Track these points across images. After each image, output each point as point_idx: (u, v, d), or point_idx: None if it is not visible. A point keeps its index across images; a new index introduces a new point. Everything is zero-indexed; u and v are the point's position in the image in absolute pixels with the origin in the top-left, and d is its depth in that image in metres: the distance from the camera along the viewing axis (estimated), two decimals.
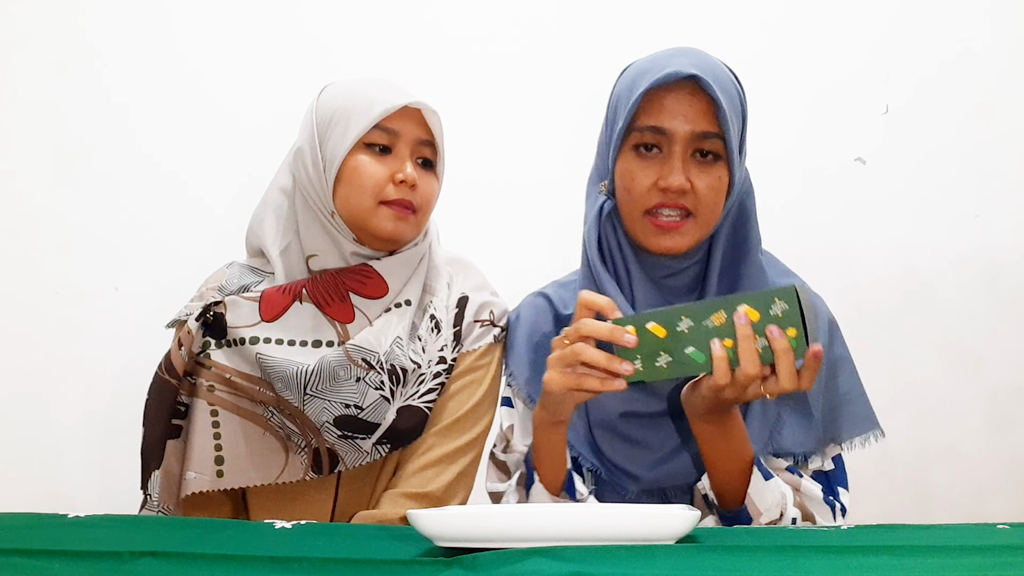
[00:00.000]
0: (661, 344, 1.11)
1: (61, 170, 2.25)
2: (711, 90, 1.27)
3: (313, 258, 1.47)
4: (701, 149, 1.29)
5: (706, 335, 1.10)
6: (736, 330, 1.09)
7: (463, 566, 0.79)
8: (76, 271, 2.22)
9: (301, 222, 1.48)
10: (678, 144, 1.28)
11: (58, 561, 0.80)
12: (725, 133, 1.28)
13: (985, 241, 2.21)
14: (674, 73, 1.27)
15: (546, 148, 2.17)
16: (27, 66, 2.26)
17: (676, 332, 1.10)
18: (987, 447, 2.17)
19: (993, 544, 0.87)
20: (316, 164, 1.46)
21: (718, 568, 0.77)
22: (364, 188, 1.43)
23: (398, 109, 1.44)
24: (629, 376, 1.13)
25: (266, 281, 1.49)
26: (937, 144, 2.23)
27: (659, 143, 1.30)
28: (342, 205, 1.45)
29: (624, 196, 1.33)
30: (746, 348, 1.09)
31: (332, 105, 1.48)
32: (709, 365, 1.10)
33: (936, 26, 2.25)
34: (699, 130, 1.28)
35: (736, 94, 1.33)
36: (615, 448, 1.34)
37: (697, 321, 1.10)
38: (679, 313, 1.11)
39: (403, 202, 1.44)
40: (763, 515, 1.23)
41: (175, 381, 1.42)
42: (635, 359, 1.12)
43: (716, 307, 1.10)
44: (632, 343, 1.11)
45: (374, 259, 1.47)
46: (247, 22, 2.27)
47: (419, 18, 2.27)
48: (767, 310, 1.08)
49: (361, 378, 1.37)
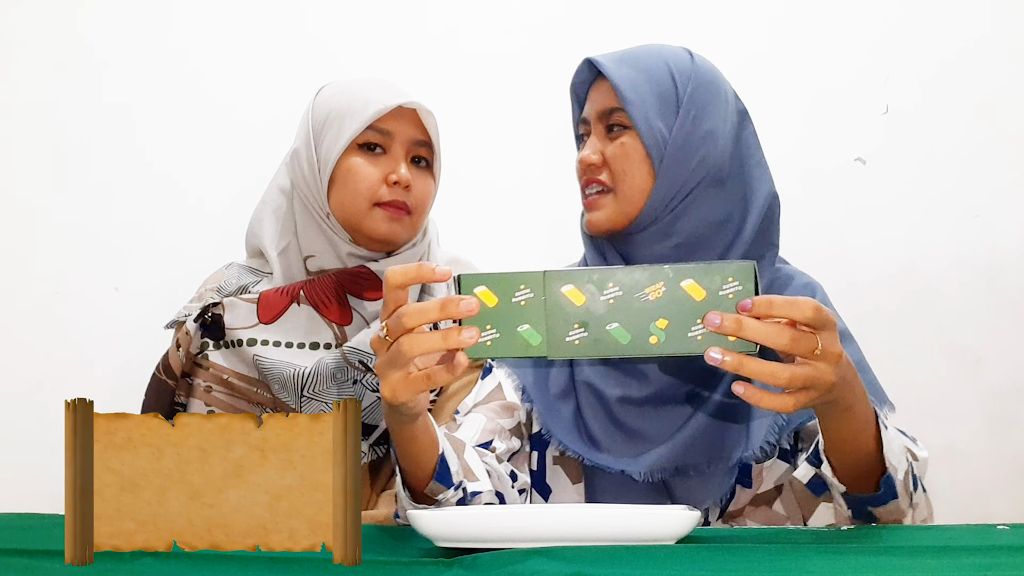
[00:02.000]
0: (575, 314, 0.90)
1: (61, 170, 2.24)
2: (603, 68, 1.32)
3: (311, 259, 1.47)
4: (609, 125, 1.33)
5: (637, 311, 0.90)
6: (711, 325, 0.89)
7: (463, 567, 0.79)
8: (76, 271, 2.22)
9: (299, 223, 1.48)
10: (592, 126, 1.35)
11: (59, 561, 0.80)
12: (625, 105, 1.30)
13: (985, 241, 2.21)
14: (581, 68, 1.37)
15: (546, 147, 2.16)
16: (27, 66, 2.26)
17: (597, 301, 0.90)
18: (987, 447, 2.16)
19: (993, 545, 0.87)
20: (311, 166, 1.45)
21: (718, 568, 0.77)
22: (357, 190, 1.43)
23: (392, 109, 1.43)
24: (475, 350, 0.91)
25: (264, 282, 1.49)
26: (937, 144, 2.23)
27: (587, 131, 1.37)
28: (337, 207, 1.44)
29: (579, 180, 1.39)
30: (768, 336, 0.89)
31: (327, 106, 1.47)
32: (635, 347, 0.90)
33: (936, 26, 2.25)
34: (602, 108, 1.33)
35: (662, 71, 1.33)
36: (611, 435, 1.28)
37: (628, 291, 0.90)
38: (604, 278, 0.91)
39: (397, 203, 1.43)
40: (899, 470, 1.06)
41: (172, 382, 1.42)
42: (519, 327, 0.90)
43: (654, 277, 0.90)
44: (470, 311, 0.90)
45: (372, 260, 1.47)
46: (247, 21, 2.27)
47: (418, 17, 2.27)
48: (716, 288, 0.89)
49: (359, 380, 1.37)
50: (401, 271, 0.93)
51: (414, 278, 0.92)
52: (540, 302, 0.90)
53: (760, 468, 1.27)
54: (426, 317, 0.91)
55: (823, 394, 0.93)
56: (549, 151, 2.22)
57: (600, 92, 1.34)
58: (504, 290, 0.90)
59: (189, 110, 2.25)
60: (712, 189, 1.31)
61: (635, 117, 1.30)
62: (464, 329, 0.90)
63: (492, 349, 0.90)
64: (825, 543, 0.91)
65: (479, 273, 0.92)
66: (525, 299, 0.90)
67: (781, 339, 0.89)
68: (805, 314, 0.89)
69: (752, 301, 0.88)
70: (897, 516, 1.09)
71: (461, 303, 0.89)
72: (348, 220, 1.45)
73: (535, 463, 1.34)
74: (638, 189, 1.30)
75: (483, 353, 0.91)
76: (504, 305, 0.90)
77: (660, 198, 1.30)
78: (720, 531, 1.10)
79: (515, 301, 0.90)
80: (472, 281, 0.91)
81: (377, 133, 1.44)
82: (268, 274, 1.50)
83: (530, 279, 0.91)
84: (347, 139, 1.43)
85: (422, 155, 1.48)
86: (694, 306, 0.89)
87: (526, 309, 0.90)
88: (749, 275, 0.89)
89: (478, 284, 0.91)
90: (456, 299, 0.90)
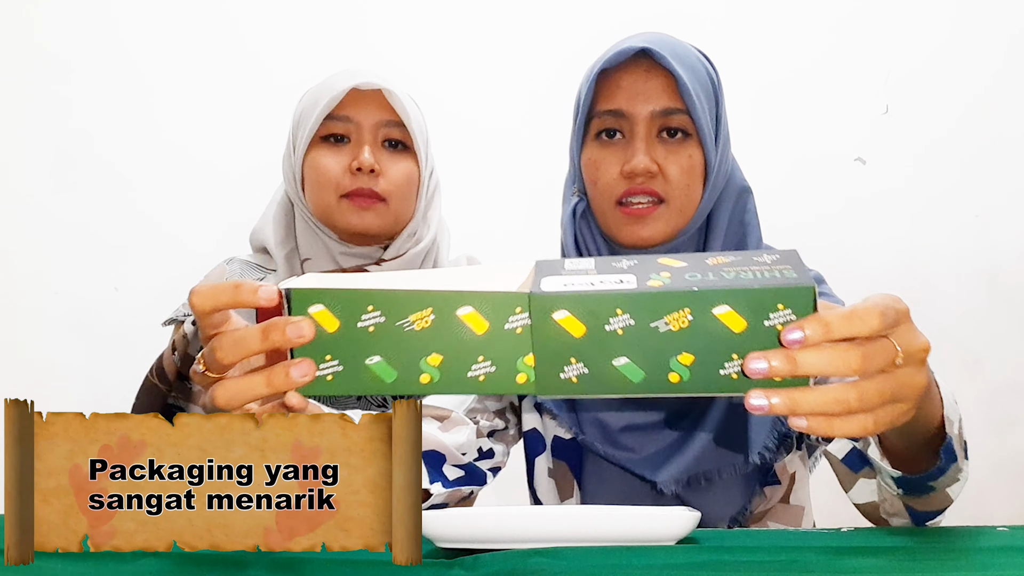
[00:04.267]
0: (570, 347, 0.69)
1: (61, 170, 2.25)
2: (667, 63, 1.17)
3: (307, 262, 1.43)
4: (667, 128, 1.19)
5: (653, 342, 0.69)
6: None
7: (464, 567, 0.79)
8: (76, 271, 2.22)
9: (297, 226, 1.45)
10: (640, 125, 1.18)
11: (59, 561, 0.80)
12: (691, 108, 1.17)
13: (985, 241, 2.21)
14: (626, 50, 1.18)
15: (545, 145, 2.17)
16: (27, 66, 2.26)
17: (603, 332, 0.69)
18: (987, 447, 2.16)
19: (993, 546, 0.86)
20: (290, 167, 1.42)
21: (718, 569, 0.77)
22: (321, 183, 1.36)
23: (348, 93, 1.35)
24: (311, 387, 0.71)
25: (268, 280, 1.47)
26: (937, 144, 2.23)
27: (621, 128, 1.20)
28: (311, 205, 1.40)
29: (592, 189, 1.22)
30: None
31: (300, 106, 1.43)
32: (651, 385, 0.70)
33: (937, 26, 2.25)
34: (660, 107, 1.18)
35: (704, 70, 1.23)
36: (613, 455, 1.22)
37: (640, 320, 0.69)
38: (611, 303, 0.69)
39: (363, 191, 1.34)
40: (954, 423, 0.90)
41: (164, 387, 1.39)
42: (367, 359, 0.71)
43: (677, 302, 0.68)
44: (301, 338, 0.69)
45: (369, 261, 1.42)
46: (248, 19, 2.27)
47: (417, 17, 2.27)
48: (759, 317, 0.68)
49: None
50: (208, 292, 0.74)
51: (227, 302, 0.73)
52: (388, 329, 0.70)
53: (783, 464, 1.22)
54: (245, 349, 0.71)
55: (914, 405, 0.74)
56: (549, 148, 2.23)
57: (652, 86, 1.19)
58: (347, 311, 0.70)
59: (190, 109, 2.25)
60: (730, 198, 1.26)
61: (701, 125, 1.19)
62: (294, 365, 0.70)
63: (334, 385, 0.71)
64: (825, 544, 0.91)
65: (316, 288, 0.71)
66: (374, 324, 0.70)
67: (850, 364, 0.70)
68: (872, 326, 0.70)
69: (802, 333, 0.68)
70: (952, 481, 0.93)
71: (289, 328, 0.69)
72: (322, 217, 1.38)
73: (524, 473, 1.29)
74: (692, 203, 1.21)
75: (322, 390, 0.72)
76: (347, 330, 0.70)
77: (701, 212, 1.22)
78: (720, 532, 1.10)
79: (361, 326, 0.70)
80: (306, 298, 0.70)
81: (338, 122, 1.35)
82: (271, 271, 1.47)
83: (379, 298, 0.70)
84: (308, 134, 1.36)
85: (394, 137, 1.37)
86: (730, 339, 0.68)
87: (375, 336, 0.70)
88: (808, 302, 0.68)
89: (313, 302, 0.70)
90: (283, 323, 0.70)
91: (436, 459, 1.12)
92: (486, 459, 1.23)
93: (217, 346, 0.73)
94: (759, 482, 1.21)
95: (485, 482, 1.21)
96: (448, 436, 1.14)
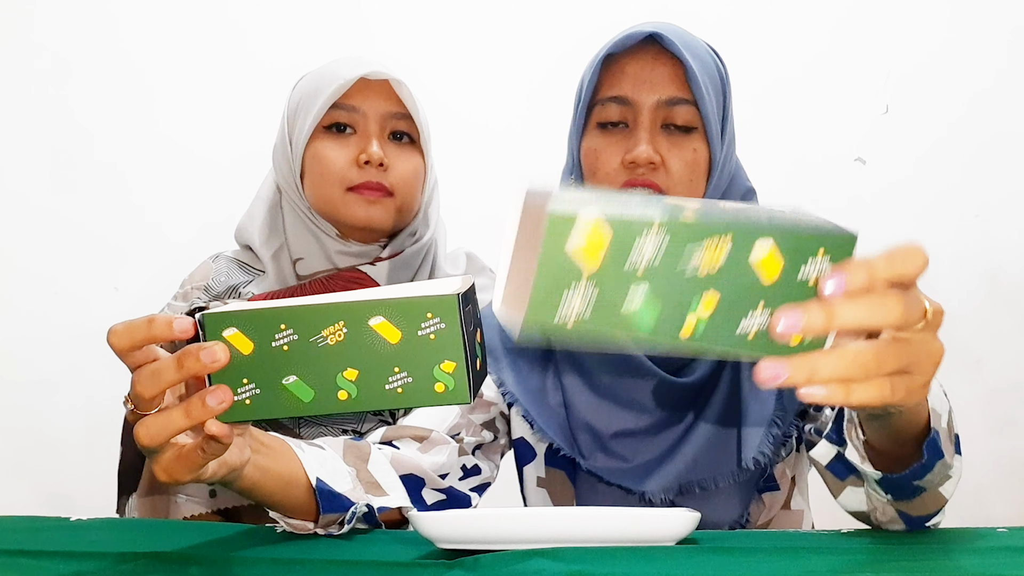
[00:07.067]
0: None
1: (61, 170, 2.25)
2: (676, 49, 1.12)
3: (299, 262, 1.38)
4: (672, 121, 1.14)
5: (677, 283, 0.60)
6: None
7: (464, 568, 0.79)
8: (76, 271, 2.22)
9: (287, 223, 1.39)
10: (644, 114, 1.13)
11: (60, 562, 0.80)
12: (699, 99, 1.13)
13: (985, 241, 2.21)
14: (633, 34, 1.14)
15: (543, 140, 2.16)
16: (27, 66, 2.26)
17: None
18: (987, 447, 2.16)
19: (993, 546, 0.87)
20: (286, 158, 1.37)
21: (718, 569, 0.77)
22: (325, 176, 1.31)
23: (356, 83, 1.30)
24: (230, 414, 0.69)
25: (256, 282, 1.41)
26: (937, 144, 2.23)
27: (624, 116, 1.15)
28: (312, 198, 1.34)
29: (591, 180, 1.16)
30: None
31: (298, 93, 1.38)
32: (656, 329, 0.60)
33: (937, 25, 2.25)
34: (666, 96, 1.13)
35: (713, 64, 1.18)
36: (605, 466, 1.18)
37: (669, 263, 0.59)
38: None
39: (371, 184, 1.30)
40: (942, 416, 0.83)
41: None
42: (284, 379, 0.69)
43: (707, 230, 0.59)
44: (216, 363, 0.68)
45: (366, 261, 1.36)
46: (247, 20, 2.27)
47: (412, 9, 2.27)
48: (799, 261, 0.61)
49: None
50: (124, 331, 0.71)
51: (143, 338, 0.71)
52: (302, 346, 0.68)
53: (783, 467, 1.18)
54: (163, 381, 0.70)
55: (929, 380, 0.68)
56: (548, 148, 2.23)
57: (659, 74, 1.14)
58: (260, 331, 0.68)
59: (190, 109, 2.25)
60: (734, 199, 1.22)
61: (708, 118, 1.13)
62: (210, 393, 0.68)
63: (253, 409, 0.70)
64: (824, 545, 0.91)
65: (227, 311, 0.69)
66: (287, 342, 0.68)
67: (894, 311, 0.61)
68: (918, 264, 0.62)
69: (845, 277, 0.60)
70: (943, 478, 0.86)
71: (202, 354, 0.67)
72: (325, 211, 1.33)
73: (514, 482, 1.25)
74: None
75: (243, 416, 0.70)
76: (262, 351, 0.68)
77: None
78: (720, 533, 1.10)
79: (276, 345, 0.68)
80: (219, 322, 0.69)
81: (343, 111, 1.30)
82: (259, 271, 1.41)
83: (290, 315, 0.68)
84: (311, 123, 1.31)
85: (401, 129, 1.32)
86: (757, 287, 0.60)
87: (290, 355, 0.68)
88: (849, 247, 0.62)
89: (226, 326, 0.68)
90: (195, 349, 0.68)
91: (415, 483, 1.08)
92: (472, 477, 1.17)
93: (136, 380, 0.71)
94: (757, 488, 1.17)
95: (469, 504, 1.17)
96: (427, 458, 1.10)
